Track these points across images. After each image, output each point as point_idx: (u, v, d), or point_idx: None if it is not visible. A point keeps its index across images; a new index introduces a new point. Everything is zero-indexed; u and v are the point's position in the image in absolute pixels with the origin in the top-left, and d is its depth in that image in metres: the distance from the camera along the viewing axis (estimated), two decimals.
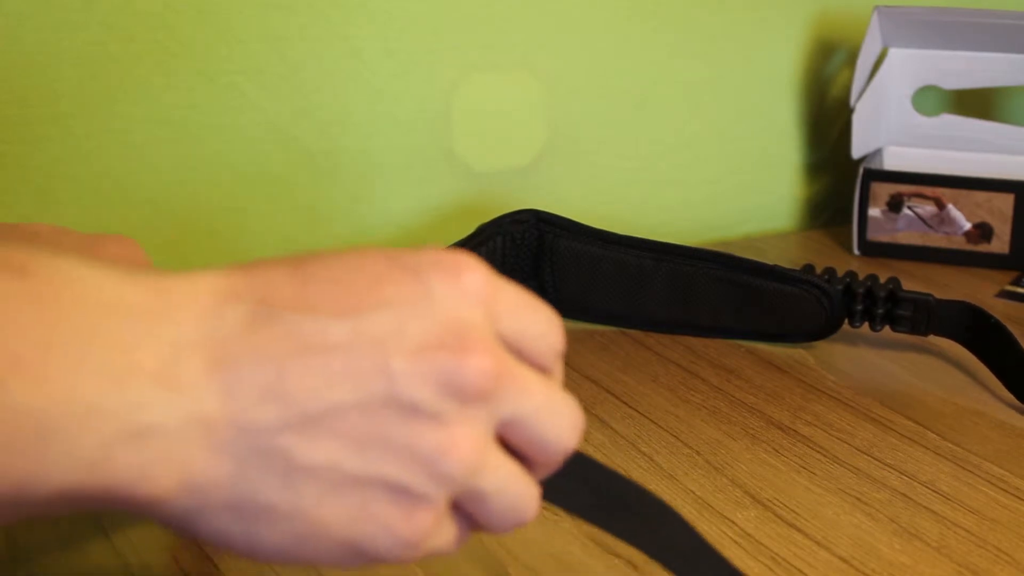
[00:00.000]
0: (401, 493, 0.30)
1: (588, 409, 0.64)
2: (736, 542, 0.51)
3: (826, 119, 1.00)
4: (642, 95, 0.91)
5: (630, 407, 0.64)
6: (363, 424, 0.29)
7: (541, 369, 0.34)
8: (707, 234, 0.96)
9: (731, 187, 0.97)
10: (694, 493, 0.55)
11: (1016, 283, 0.84)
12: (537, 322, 0.35)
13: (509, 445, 0.33)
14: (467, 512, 0.32)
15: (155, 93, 0.75)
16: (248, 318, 0.30)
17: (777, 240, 0.96)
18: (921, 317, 0.69)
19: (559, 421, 0.33)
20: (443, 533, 0.32)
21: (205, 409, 0.28)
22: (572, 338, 0.73)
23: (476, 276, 0.32)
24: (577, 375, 0.68)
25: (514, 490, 0.32)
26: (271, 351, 0.29)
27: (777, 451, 0.59)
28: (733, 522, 0.53)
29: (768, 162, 0.99)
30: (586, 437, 0.61)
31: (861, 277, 0.71)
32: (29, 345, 0.27)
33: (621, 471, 0.57)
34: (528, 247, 0.73)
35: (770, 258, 0.75)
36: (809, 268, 0.72)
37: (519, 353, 0.34)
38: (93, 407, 0.27)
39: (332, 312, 0.30)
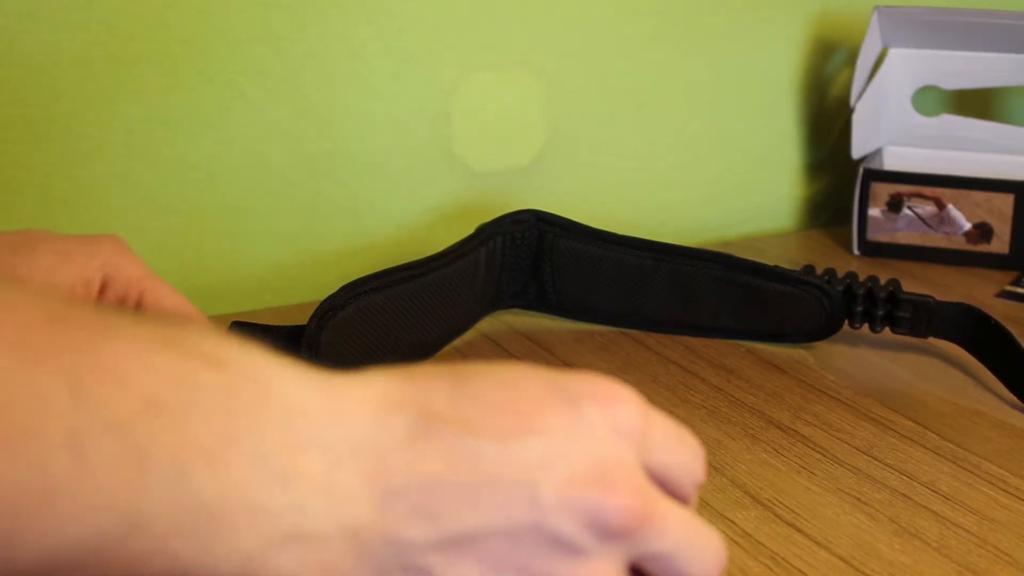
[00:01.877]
0: None
1: None
2: (736, 542, 0.51)
3: (826, 119, 1.00)
4: (642, 95, 0.91)
5: None
6: (506, 550, 0.30)
7: (681, 498, 0.35)
8: (707, 234, 0.96)
9: (731, 187, 0.97)
10: None
11: (1016, 283, 0.84)
12: (683, 454, 0.36)
13: (647, 572, 0.34)
14: None
15: (155, 93, 0.75)
16: (408, 431, 0.31)
17: (777, 240, 0.96)
18: (921, 318, 0.69)
19: (699, 557, 0.34)
20: None
21: (358, 519, 0.30)
22: (572, 338, 0.73)
23: (630, 409, 0.34)
24: None
25: None
26: (427, 469, 0.30)
27: (777, 451, 0.59)
28: (733, 522, 0.53)
29: (768, 162, 0.99)
30: None
31: (861, 278, 0.71)
32: (216, 438, 0.28)
33: None
34: (528, 247, 0.73)
35: (770, 258, 0.75)
36: (809, 268, 0.72)
37: (663, 484, 0.34)
38: (261, 506, 0.29)
39: (489, 435, 0.31)
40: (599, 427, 0.32)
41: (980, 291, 0.82)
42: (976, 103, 1.02)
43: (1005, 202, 0.86)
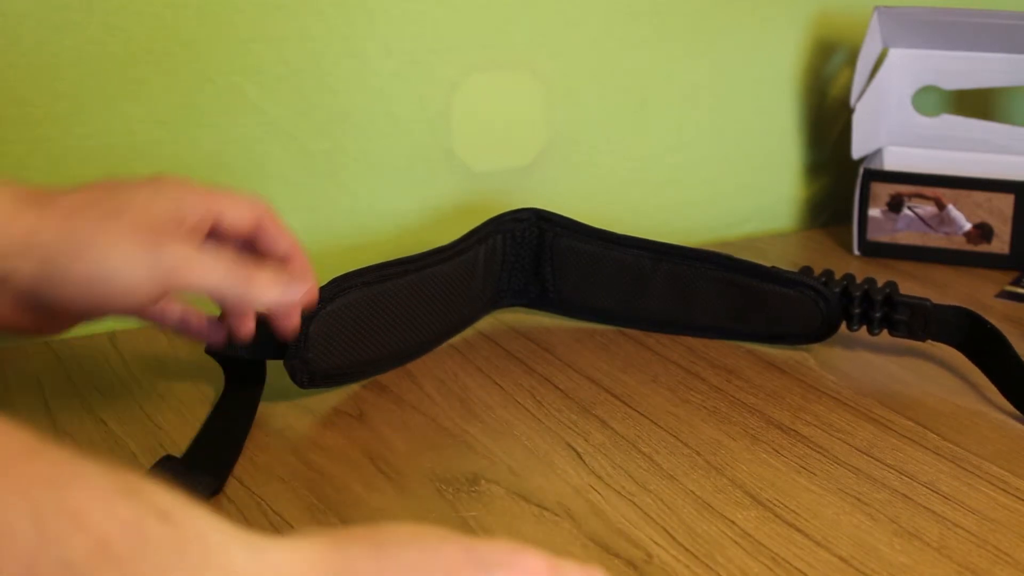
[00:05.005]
0: None
1: (588, 409, 0.64)
2: (736, 542, 0.51)
3: (826, 119, 1.00)
4: (642, 95, 0.91)
5: (630, 407, 0.64)
6: None
7: None
8: (707, 234, 0.96)
9: (731, 187, 0.97)
10: (694, 493, 0.55)
11: (1016, 283, 0.84)
12: None
13: None
14: None
15: (155, 93, 0.75)
16: None
17: (777, 240, 0.96)
18: (918, 321, 0.69)
19: None
20: None
21: None
22: (572, 338, 0.73)
23: (532, 567, 0.37)
24: (577, 375, 0.68)
25: None
26: None
27: (777, 451, 0.59)
28: (733, 522, 0.53)
29: (768, 162, 0.99)
30: (586, 437, 0.61)
31: (859, 279, 0.71)
32: None
33: (621, 471, 0.57)
34: (528, 245, 0.73)
35: (770, 258, 0.75)
36: (807, 271, 0.72)
37: None
38: None
39: None
40: None
41: (980, 291, 0.82)
42: (976, 103, 1.02)
43: (1005, 202, 0.86)
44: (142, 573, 0.31)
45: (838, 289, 0.70)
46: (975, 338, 0.67)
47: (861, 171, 0.89)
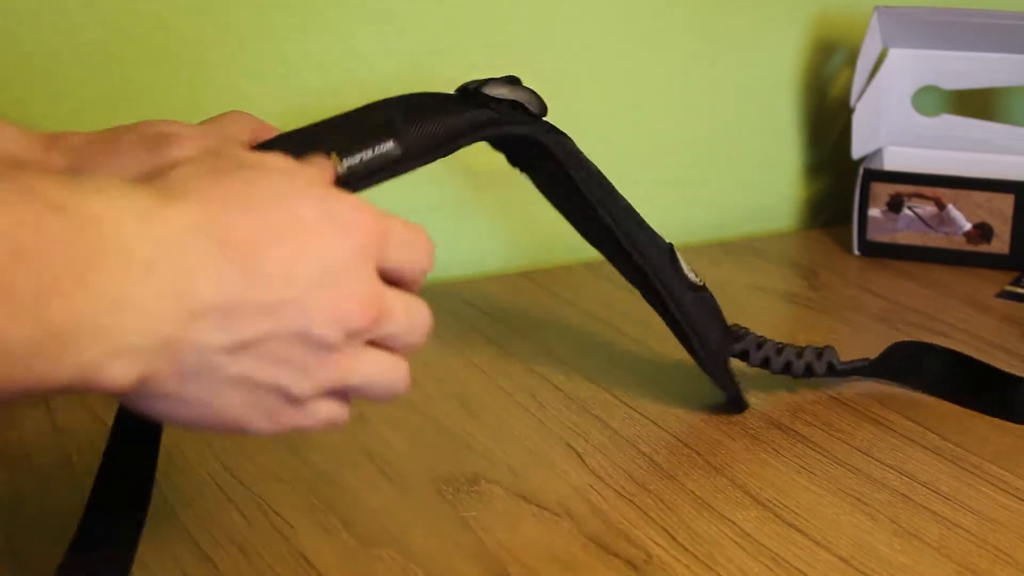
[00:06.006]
0: (286, 395, 0.41)
1: (588, 409, 0.64)
2: (736, 542, 0.51)
3: (826, 119, 1.00)
4: (642, 95, 0.91)
5: (630, 407, 0.64)
6: (278, 349, 0.40)
7: (409, 284, 0.45)
8: (707, 234, 0.96)
9: (731, 187, 0.97)
10: (694, 493, 0.55)
11: (1016, 283, 0.84)
12: (414, 253, 0.46)
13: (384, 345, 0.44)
14: (348, 393, 0.43)
15: (155, 93, 0.75)
16: (214, 256, 0.38)
17: (777, 240, 0.96)
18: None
19: (420, 326, 0.44)
20: (310, 416, 0.42)
21: (176, 335, 0.37)
22: (572, 338, 0.73)
23: (369, 234, 0.43)
24: (577, 375, 0.68)
25: (385, 378, 0.43)
26: (227, 291, 0.38)
27: (777, 451, 0.59)
28: (733, 522, 0.53)
29: (768, 162, 0.99)
30: (586, 437, 0.61)
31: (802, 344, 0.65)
32: (66, 274, 0.34)
33: (621, 471, 0.57)
34: (511, 150, 0.67)
35: (770, 258, 0.75)
36: (741, 333, 0.64)
37: (396, 278, 0.44)
38: (101, 328, 0.35)
39: (277, 266, 0.39)
40: (350, 257, 0.41)
41: (980, 291, 0.82)
42: (976, 103, 1.02)
43: (1005, 202, 0.86)
44: (48, 266, 0.34)
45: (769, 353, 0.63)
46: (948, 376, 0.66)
47: (861, 171, 0.89)
